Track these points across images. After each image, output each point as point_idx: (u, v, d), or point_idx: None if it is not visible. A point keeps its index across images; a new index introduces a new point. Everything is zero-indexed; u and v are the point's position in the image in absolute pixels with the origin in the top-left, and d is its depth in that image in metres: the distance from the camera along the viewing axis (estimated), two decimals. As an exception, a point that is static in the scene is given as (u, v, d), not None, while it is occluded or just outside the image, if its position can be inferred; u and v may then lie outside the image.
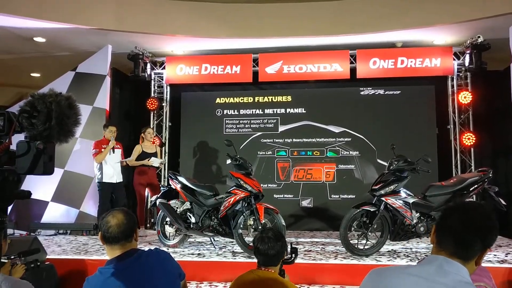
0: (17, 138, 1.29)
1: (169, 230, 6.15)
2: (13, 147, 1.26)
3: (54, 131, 1.27)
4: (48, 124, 1.26)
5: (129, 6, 7.48)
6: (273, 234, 2.76)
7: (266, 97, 8.67)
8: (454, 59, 7.95)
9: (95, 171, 7.12)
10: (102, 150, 6.99)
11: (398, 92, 8.37)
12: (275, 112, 8.64)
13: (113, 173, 7.07)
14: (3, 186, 1.21)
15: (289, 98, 8.63)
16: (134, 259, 2.20)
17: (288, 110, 8.61)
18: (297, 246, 3.05)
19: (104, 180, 7.01)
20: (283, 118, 8.60)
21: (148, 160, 7.39)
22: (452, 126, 8.20)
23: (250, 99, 8.72)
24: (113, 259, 2.20)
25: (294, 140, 8.54)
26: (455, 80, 8.21)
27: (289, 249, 2.92)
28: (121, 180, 7.23)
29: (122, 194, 7.17)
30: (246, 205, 5.76)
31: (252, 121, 8.67)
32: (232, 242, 6.15)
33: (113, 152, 7.10)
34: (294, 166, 8.48)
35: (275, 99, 8.66)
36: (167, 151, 8.89)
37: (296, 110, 8.58)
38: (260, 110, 8.67)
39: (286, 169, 8.51)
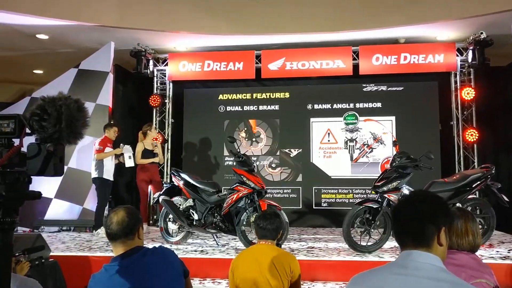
0: (28, 140, 1.31)
1: (172, 227, 6.17)
2: (24, 149, 1.28)
3: (63, 134, 1.29)
4: (58, 127, 1.28)
5: (131, 3, 7.48)
6: (273, 212, 3.34)
7: (269, 94, 8.68)
8: (457, 55, 7.94)
9: (92, 166, 7.10)
10: (106, 149, 6.99)
11: (401, 88, 8.37)
12: (277, 108, 8.66)
13: (110, 170, 7.11)
14: (15, 187, 1.23)
15: (289, 95, 8.65)
16: (139, 256, 2.23)
17: (290, 106, 8.62)
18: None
19: (104, 177, 7.01)
20: (285, 114, 8.62)
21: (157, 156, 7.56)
22: (455, 122, 8.20)
23: (254, 96, 8.73)
24: (118, 256, 2.24)
25: (296, 136, 8.58)
26: (458, 76, 8.20)
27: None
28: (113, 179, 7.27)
29: (110, 192, 7.24)
30: (249, 201, 5.77)
31: (254, 117, 8.69)
32: (235, 239, 6.17)
33: (118, 157, 7.15)
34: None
35: (278, 95, 8.67)
36: (169, 147, 8.91)
37: (297, 106, 8.59)
38: (263, 106, 8.68)
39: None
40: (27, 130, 1.28)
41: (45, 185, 7.43)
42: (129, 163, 7.20)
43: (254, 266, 2.95)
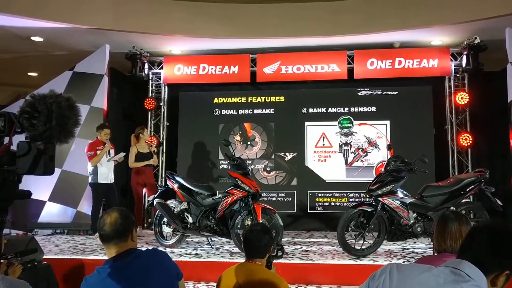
0: (18, 138, 1.30)
1: (166, 230, 6.15)
2: (13, 147, 1.27)
3: (54, 132, 1.28)
4: (49, 125, 1.27)
5: (127, 6, 7.48)
6: (261, 227, 2.92)
7: (264, 97, 8.68)
8: (451, 60, 7.98)
9: (88, 172, 7.05)
10: (98, 152, 6.94)
11: (396, 92, 8.38)
12: (272, 112, 8.65)
13: (107, 174, 7.01)
14: (3, 186, 1.21)
15: (284, 98, 8.65)
16: (132, 258, 2.22)
17: (285, 110, 8.62)
18: (282, 244, 3.18)
19: (99, 181, 6.92)
20: (280, 118, 8.62)
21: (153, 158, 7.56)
22: (449, 126, 8.23)
23: (249, 99, 8.72)
24: (111, 259, 2.23)
25: (291, 140, 8.57)
26: (452, 81, 8.23)
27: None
28: (114, 180, 7.19)
29: (114, 194, 7.13)
30: (243, 205, 5.77)
31: (249, 121, 8.69)
32: (230, 242, 6.15)
33: (109, 154, 7.07)
34: (292, 166, 8.50)
35: (273, 99, 8.66)
36: (164, 150, 8.89)
37: (292, 110, 8.59)
38: (258, 110, 8.67)
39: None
40: (17, 128, 1.26)
41: (39, 188, 7.39)
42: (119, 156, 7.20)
43: None
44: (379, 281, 1.48)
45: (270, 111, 8.65)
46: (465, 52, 7.80)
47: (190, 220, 5.91)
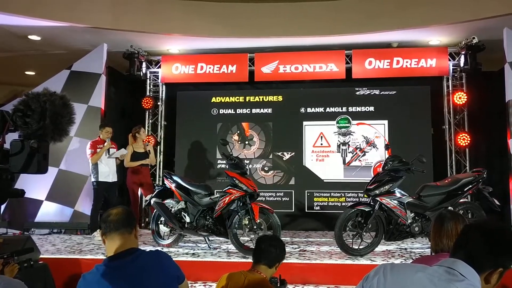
0: (11, 137, 1.28)
1: (163, 229, 6.13)
2: (7, 146, 1.25)
3: (48, 130, 1.27)
4: (42, 123, 1.25)
5: (125, 5, 7.46)
6: (275, 236, 3.01)
7: (262, 97, 8.66)
8: (449, 60, 7.98)
9: (90, 170, 7.06)
10: (98, 150, 6.94)
11: (394, 92, 8.38)
12: (270, 111, 8.64)
13: (108, 172, 7.02)
14: (-4, 185, 1.20)
15: (282, 98, 8.64)
16: (133, 257, 2.19)
17: (283, 109, 8.61)
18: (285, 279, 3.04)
19: (100, 179, 6.95)
20: (278, 117, 8.61)
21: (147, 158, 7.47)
22: (447, 126, 8.24)
23: (246, 99, 8.70)
24: (111, 257, 2.20)
25: (289, 139, 8.55)
26: (450, 81, 8.24)
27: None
28: (116, 179, 7.17)
29: (114, 193, 7.12)
30: (241, 204, 5.75)
31: (247, 121, 8.67)
32: (227, 241, 6.13)
33: (109, 153, 7.04)
34: (290, 165, 8.49)
35: (271, 98, 8.65)
36: (162, 150, 8.87)
37: (290, 110, 8.58)
38: (256, 109, 8.66)
39: (282, 169, 8.53)
40: (10, 127, 1.24)
41: (36, 187, 7.38)
42: (120, 153, 7.13)
43: None
44: (372, 282, 1.48)
45: (268, 110, 8.64)
46: (463, 52, 7.81)
47: (187, 219, 5.90)
